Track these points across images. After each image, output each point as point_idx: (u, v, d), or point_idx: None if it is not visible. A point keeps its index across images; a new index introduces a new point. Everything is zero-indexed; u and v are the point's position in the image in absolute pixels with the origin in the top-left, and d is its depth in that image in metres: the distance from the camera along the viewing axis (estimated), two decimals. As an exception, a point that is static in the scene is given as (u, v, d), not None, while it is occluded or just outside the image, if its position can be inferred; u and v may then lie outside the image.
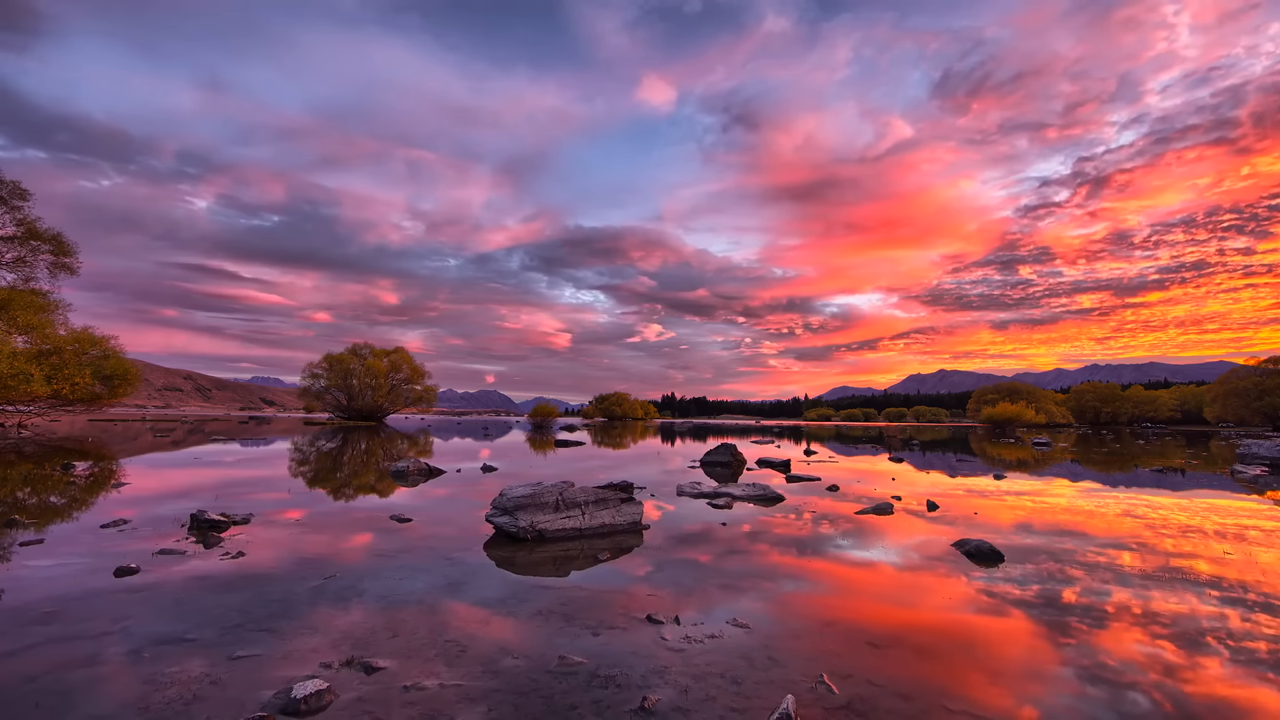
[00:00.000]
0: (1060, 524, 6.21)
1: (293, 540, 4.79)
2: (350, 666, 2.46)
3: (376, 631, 2.88)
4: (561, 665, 2.52)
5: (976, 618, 3.28)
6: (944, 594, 3.70)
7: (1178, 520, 6.59)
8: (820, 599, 3.56)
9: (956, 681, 2.47)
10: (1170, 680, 2.54)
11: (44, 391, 20.79)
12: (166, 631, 2.81)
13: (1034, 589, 3.85)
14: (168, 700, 2.15)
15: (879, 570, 4.23)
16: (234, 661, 2.49)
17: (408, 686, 2.29)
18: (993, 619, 3.27)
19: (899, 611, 3.36)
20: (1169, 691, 2.43)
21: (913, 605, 3.47)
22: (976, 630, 3.09)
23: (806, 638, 2.94)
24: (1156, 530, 5.98)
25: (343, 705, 2.15)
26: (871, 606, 3.43)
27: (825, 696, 2.32)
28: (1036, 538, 5.49)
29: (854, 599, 3.57)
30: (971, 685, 2.44)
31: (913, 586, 3.85)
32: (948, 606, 3.46)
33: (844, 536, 5.37)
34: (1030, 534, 5.67)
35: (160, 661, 2.48)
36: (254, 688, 2.26)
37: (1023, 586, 3.90)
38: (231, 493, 7.24)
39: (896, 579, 4.01)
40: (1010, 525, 6.09)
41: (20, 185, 22.70)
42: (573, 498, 5.46)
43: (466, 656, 2.61)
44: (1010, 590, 3.81)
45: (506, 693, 2.29)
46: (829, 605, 3.44)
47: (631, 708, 2.20)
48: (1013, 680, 2.50)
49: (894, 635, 2.98)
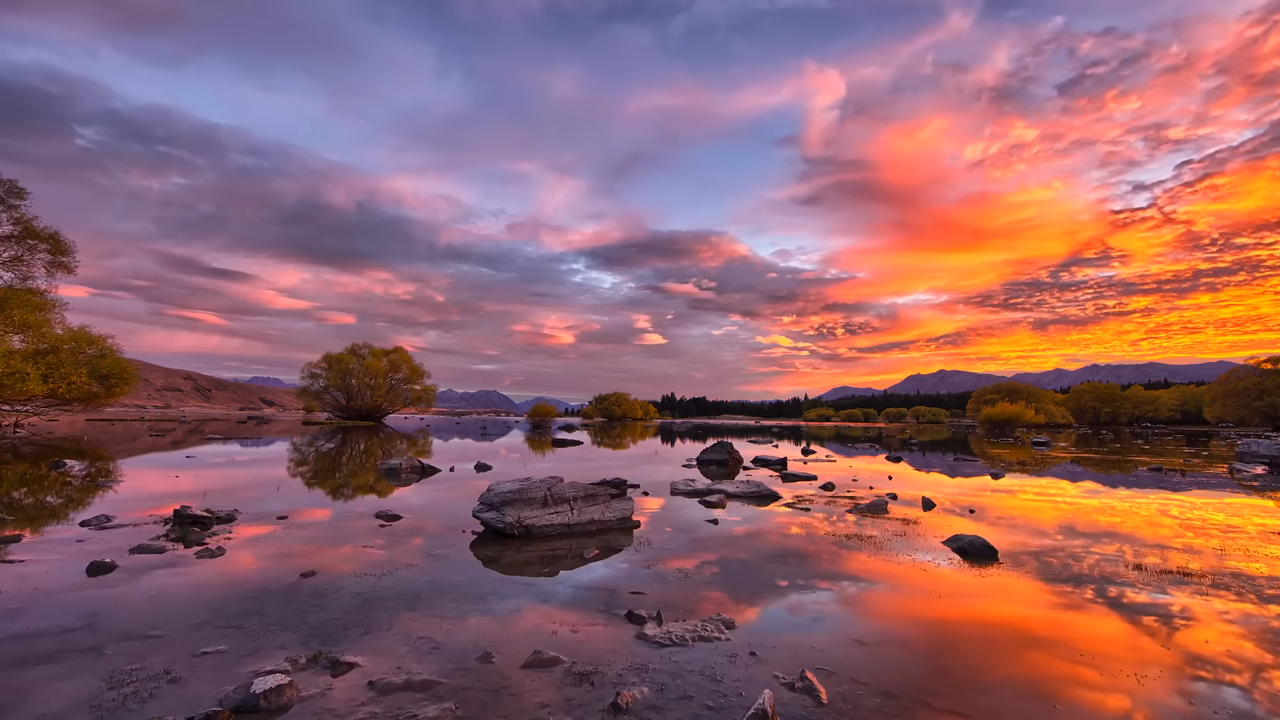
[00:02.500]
0: (1058, 522, 6.13)
1: (274, 538, 4.72)
2: (317, 663, 2.39)
3: (349, 628, 2.80)
4: (536, 662, 2.45)
5: (967, 616, 3.20)
6: (935, 591, 3.62)
7: (1184, 518, 6.50)
8: (808, 596, 3.48)
9: (943, 680, 2.40)
10: (1167, 680, 2.46)
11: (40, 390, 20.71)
12: (132, 628, 2.73)
13: (1027, 587, 3.77)
14: (122, 697, 2.07)
15: (870, 567, 4.15)
16: (197, 658, 2.42)
17: (373, 683, 2.21)
18: (983, 617, 3.19)
19: (888, 608, 3.28)
20: (1167, 692, 2.36)
21: (903, 602, 3.39)
22: (966, 628, 3.01)
23: (791, 634, 2.86)
24: (1155, 528, 5.89)
25: (304, 701, 2.08)
26: (860, 603, 3.35)
27: (806, 693, 2.24)
28: (1032, 536, 5.41)
29: (843, 596, 3.49)
30: (957, 684, 2.37)
31: (904, 583, 3.77)
32: (938, 604, 3.38)
33: (836, 534, 5.28)
34: (1026, 532, 5.59)
35: (121, 658, 2.40)
36: (214, 684, 2.19)
37: (1016, 584, 3.82)
38: (220, 492, 7.16)
39: (888, 576, 3.93)
40: (1006, 523, 6.01)
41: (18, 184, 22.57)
42: (561, 493, 5.38)
43: (439, 653, 2.53)
44: (1003, 588, 3.73)
45: (477, 690, 2.21)
46: (817, 602, 3.36)
47: (604, 705, 2.12)
48: (1000, 680, 2.42)
49: (882, 632, 2.90)
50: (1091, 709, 2.19)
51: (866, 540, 5.01)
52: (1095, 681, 2.41)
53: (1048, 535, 5.42)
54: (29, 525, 5.01)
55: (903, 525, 5.73)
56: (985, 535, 5.01)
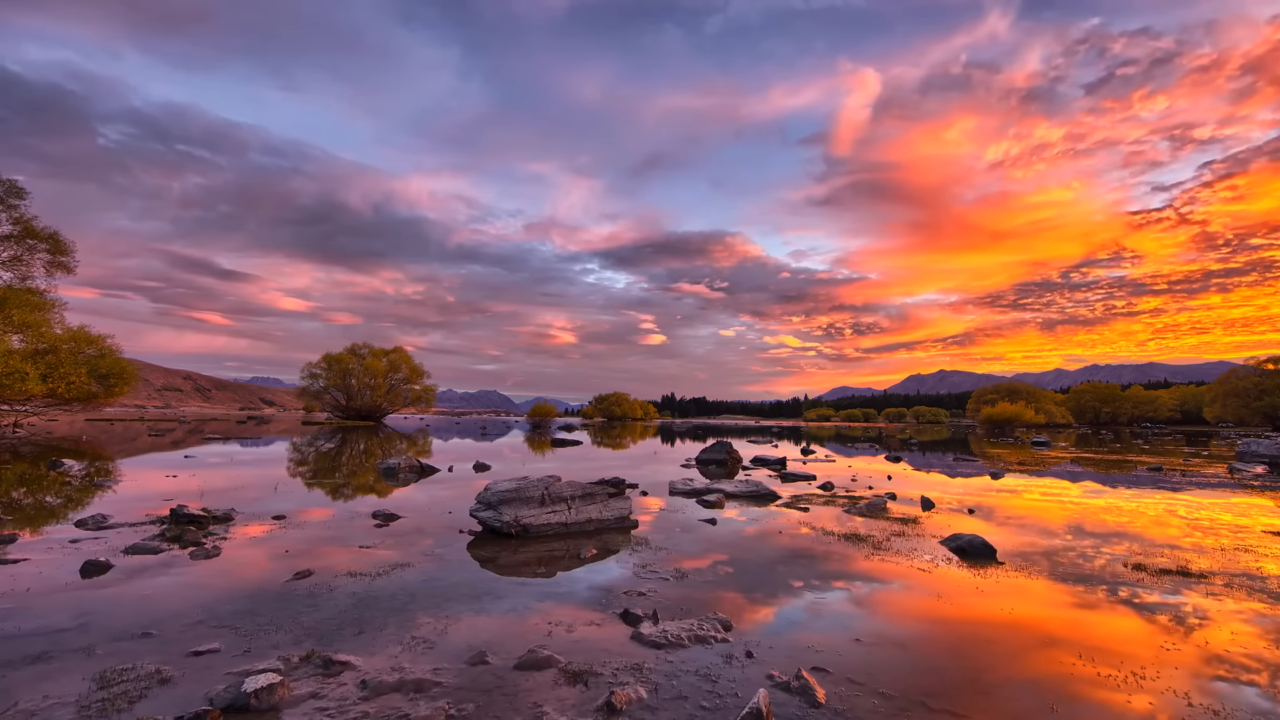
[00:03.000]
0: (1059, 522, 6.11)
1: (271, 537, 4.70)
2: (310, 662, 2.37)
3: (344, 627, 2.78)
4: (531, 662, 2.43)
5: (966, 615, 3.18)
6: (934, 591, 3.60)
7: (1191, 518, 6.48)
8: (805, 596, 3.46)
9: (941, 680, 2.38)
10: (1173, 679, 2.44)
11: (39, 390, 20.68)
12: (125, 628, 2.71)
13: (1027, 586, 3.75)
14: (111, 697, 2.05)
15: (868, 567, 4.13)
16: (190, 658, 2.40)
17: (366, 682, 2.20)
18: (982, 617, 3.17)
19: (886, 608, 3.26)
20: (1170, 691, 2.34)
21: (901, 602, 3.37)
22: (964, 628, 2.99)
23: (789, 634, 2.84)
24: (1162, 527, 5.87)
25: (295, 700, 2.06)
26: (858, 603, 3.33)
27: (803, 693, 2.22)
28: (1033, 535, 5.39)
29: (841, 595, 3.47)
30: (956, 684, 2.35)
31: (902, 582, 3.75)
32: (937, 604, 3.36)
33: (834, 533, 5.26)
34: (1027, 532, 5.56)
35: (112, 658, 2.38)
36: (205, 683, 2.17)
37: (1015, 583, 3.80)
38: (218, 491, 7.14)
39: (886, 575, 3.91)
40: (1006, 523, 5.99)
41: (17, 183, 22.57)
42: (559, 492, 5.36)
43: (433, 653, 2.51)
44: (1002, 587, 3.71)
45: (470, 689, 2.19)
46: (814, 602, 3.34)
47: (598, 705, 2.10)
48: (999, 680, 2.40)
49: (879, 632, 2.88)
50: (1095, 709, 2.17)
51: (865, 540, 4.99)
52: (1100, 680, 2.39)
53: (1049, 535, 5.39)
54: (25, 525, 4.99)
55: (901, 525, 5.70)
56: (984, 535, 4.99)
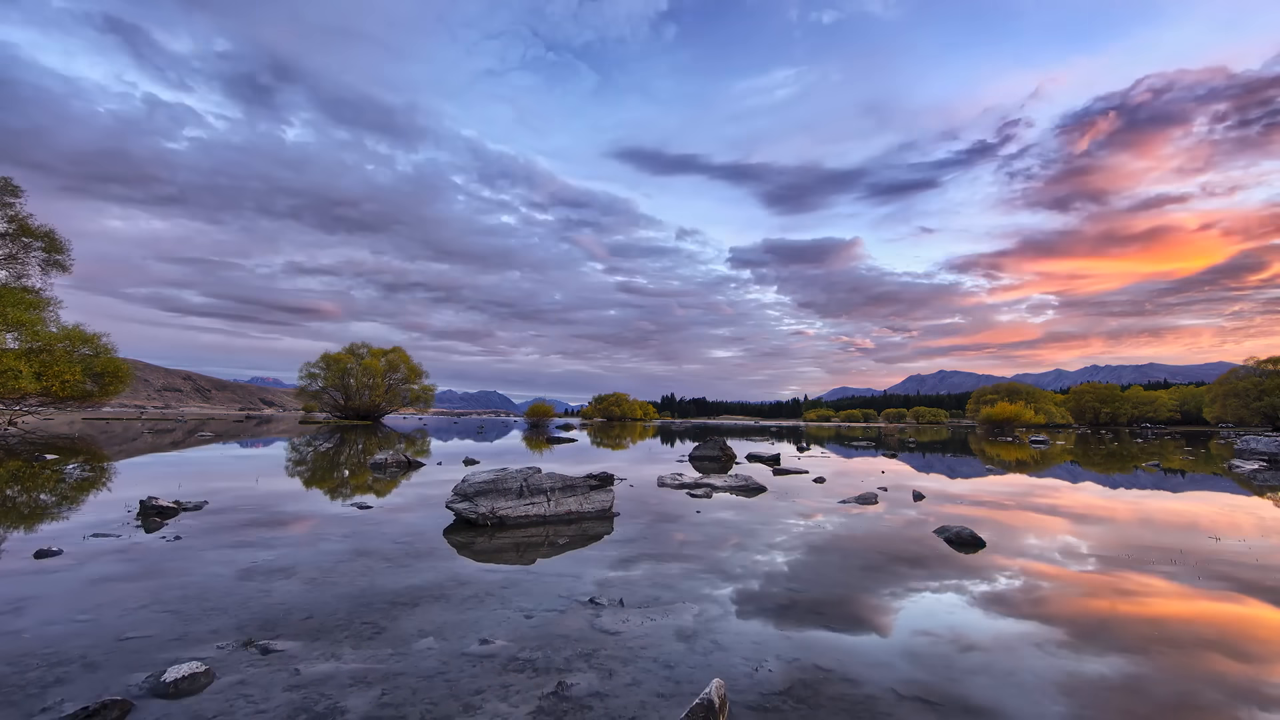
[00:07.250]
0: (1047, 516, 5.98)
1: (239, 526, 4.57)
2: (246, 648, 2.25)
3: (291, 612, 2.66)
4: (480, 648, 2.30)
5: (951, 605, 3.05)
6: (919, 580, 3.47)
7: (1185, 511, 6.35)
8: (784, 584, 3.33)
9: (918, 667, 2.25)
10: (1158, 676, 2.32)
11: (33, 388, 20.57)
12: (61, 613, 2.59)
13: (1012, 577, 3.62)
14: (25, 683, 1.93)
15: (855, 556, 4.00)
16: (121, 643, 2.28)
17: (299, 669, 2.07)
18: (966, 606, 3.04)
19: (868, 598, 3.13)
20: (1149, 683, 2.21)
21: (885, 592, 3.24)
22: (947, 618, 2.86)
23: (759, 621, 2.71)
24: (1155, 523, 5.74)
25: (219, 689, 1.93)
26: (840, 592, 3.21)
27: (765, 681, 2.09)
28: (1025, 529, 5.27)
29: (822, 584, 3.34)
30: (934, 671, 2.22)
31: (889, 573, 3.62)
32: (921, 593, 3.23)
33: (823, 524, 5.13)
34: (1019, 525, 5.44)
35: (39, 642, 2.26)
36: (130, 670, 2.05)
37: (1001, 573, 3.67)
38: (198, 484, 7.03)
39: (872, 564, 3.78)
40: (997, 516, 5.86)
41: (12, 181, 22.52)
42: (538, 484, 5.23)
43: (379, 639, 2.39)
44: (988, 576, 3.58)
45: (409, 676, 2.07)
46: (793, 591, 3.21)
47: (545, 692, 1.97)
48: (977, 669, 2.28)
49: (857, 620, 2.76)
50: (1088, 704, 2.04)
51: (853, 531, 4.86)
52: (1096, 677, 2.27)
53: (1042, 530, 5.26)
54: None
55: (892, 516, 5.57)
56: (974, 528, 4.85)
